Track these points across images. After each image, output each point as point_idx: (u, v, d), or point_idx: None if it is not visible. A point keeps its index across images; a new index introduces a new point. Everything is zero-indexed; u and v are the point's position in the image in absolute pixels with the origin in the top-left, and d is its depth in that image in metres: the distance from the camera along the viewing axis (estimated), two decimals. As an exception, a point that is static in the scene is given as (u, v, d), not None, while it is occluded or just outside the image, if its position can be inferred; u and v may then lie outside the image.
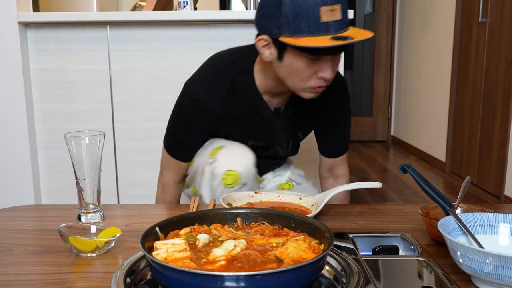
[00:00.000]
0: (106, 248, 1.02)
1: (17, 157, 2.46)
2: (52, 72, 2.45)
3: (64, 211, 1.33)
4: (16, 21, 2.35)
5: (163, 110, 2.45)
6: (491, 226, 0.97)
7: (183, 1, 2.50)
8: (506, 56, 3.50)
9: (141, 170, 2.52)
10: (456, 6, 4.30)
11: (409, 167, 1.11)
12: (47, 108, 2.48)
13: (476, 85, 3.99)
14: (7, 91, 2.41)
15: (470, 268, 0.82)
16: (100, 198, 1.23)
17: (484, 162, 3.85)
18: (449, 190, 4.03)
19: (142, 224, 1.21)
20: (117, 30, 2.41)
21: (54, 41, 2.42)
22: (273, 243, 0.88)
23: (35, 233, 1.16)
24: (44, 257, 1.01)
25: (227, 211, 1.01)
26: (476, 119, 3.99)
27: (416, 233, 1.12)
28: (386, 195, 3.87)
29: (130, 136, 2.49)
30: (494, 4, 3.70)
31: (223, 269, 0.77)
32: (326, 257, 0.82)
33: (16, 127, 2.43)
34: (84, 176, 1.19)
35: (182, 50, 2.42)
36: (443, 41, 4.62)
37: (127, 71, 2.44)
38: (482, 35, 3.89)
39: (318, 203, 1.26)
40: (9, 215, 1.30)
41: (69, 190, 2.53)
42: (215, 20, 2.36)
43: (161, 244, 0.84)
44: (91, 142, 1.18)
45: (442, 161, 4.64)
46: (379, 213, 1.30)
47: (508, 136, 3.43)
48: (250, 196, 1.32)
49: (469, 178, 1.10)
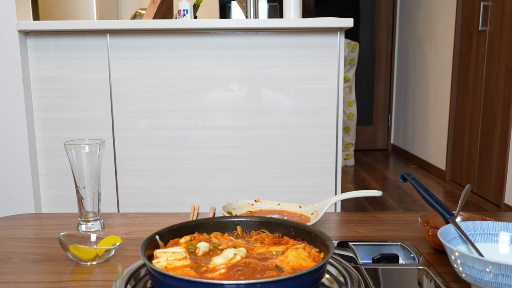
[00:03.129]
0: (106, 256, 1.02)
1: (17, 165, 2.46)
2: (52, 80, 2.45)
3: (64, 219, 1.33)
4: (16, 29, 2.35)
5: (163, 118, 2.46)
6: (491, 234, 0.97)
7: (183, 9, 2.50)
8: (506, 64, 3.51)
9: (141, 178, 2.52)
10: (456, 14, 4.32)
11: (409, 176, 1.11)
12: (47, 116, 2.48)
13: (476, 93, 3.99)
14: (7, 99, 2.41)
15: (470, 276, 0.82)
16: (100, 206, 1.23)
17: (484, 170, 3.85)
18: (449, 198, 4.03)
19: (142, 232, 1.21)
20: (117, 39, 2.42)
21: (54, 49, 2.42)
22: (273, 252, 0.88)
23: (35, 241, 1.16)
24: (44, 265, 1.01)
25: (227, 219, 1.01)
26: (476, 127, 3.99)
27: (416, 242, 1.12)
28: (386, 203, 3.87)
29: (130, 144, 2.49)
30: (494, 12, 3.71)
31: (223, 277, 0.77)
32: (326, 265, 0.82)
33: (16, 136, 2.43)
34: (84, 185, 1.19)
35: (182, 58, 2.42)
36: (443, 49, 4.63)
37: (127, 79, 2.44)
38: (482, 43, 3.90)
39: (318, 212, 1.26)
40: (9, 223, 1.30)
41: (69, 199, 2.53)
42: (215, 28, 2.37)
43: (161, 252, 0.84)
44: (91, 150, 1.18)
45: (442, 169, 4.64)
46: (379, 221, 1.30)
47: (508, 144, 3.44)
48: (250, 205, 1.32)
49: (469, 186, 1.10)
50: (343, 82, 2.43)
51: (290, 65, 2.41)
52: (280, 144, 2.47)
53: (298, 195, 2.49)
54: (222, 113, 2.46)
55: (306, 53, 2.40)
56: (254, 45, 2.41)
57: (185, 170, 2.49)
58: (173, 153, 2.48)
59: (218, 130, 2.47)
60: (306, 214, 1.29)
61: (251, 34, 2.41)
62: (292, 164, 2.49)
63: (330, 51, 2.40)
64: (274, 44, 2.41)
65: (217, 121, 2.46)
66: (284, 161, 2.49)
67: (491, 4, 3.75)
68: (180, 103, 2.45)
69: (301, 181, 2.50)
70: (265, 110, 2.44)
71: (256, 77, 2.42)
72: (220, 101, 2.45)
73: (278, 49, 2.41)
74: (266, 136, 2.46)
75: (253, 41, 2.41)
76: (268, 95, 2.44)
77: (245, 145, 2.47)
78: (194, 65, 2.43)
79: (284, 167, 2.49)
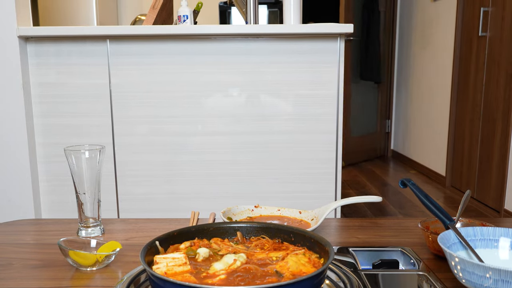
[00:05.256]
0: (106, 262, 1.02)
1: (17, 171, 2.46)
2: (52, 86, 2.45)
3: (64, 225, 1.33)
4: (16, 35, 2.35)
5: (163, 124, 2.46)
6: (491, 240, 0.97)
7: (183, 15, 2.51)
8: (506, 70, 3.51)
9: (141, 184, 2.51)
10: (456, 20, 4.32)
11: (409, 181, 1.11)
12: (47, 122, 2.48)
13: (476, 99, 4.00)
14: (7, 105, 2.41)
15: (470, 282, 0.82)
16: (100, 212, 1.23)
17: (484, 176, 3.85)
18: (449, 204, 4.03)
19: (142, 238, 1.21)
20: (117, 44, 2.42)
21: (54, 55, 2.43)
22: (273, 257, 0.88)
23: (35, 247, 1.16)
24: (44, 271, 1.01)
25: (227, 225, 1.01)
26: (476, 133, 3.99)
27: (416, 247, 1.12)
28: (386, 209, 3.86)
29: (130, 150, 2.49)
30: (494, 18, 3.72)
31: (223, 283, 0.77)
32: (326, 271, 0.82)
33: (16, 141, 2.43)
34: (84, 190, 1.19)
35: (182, 64, 2.43)
36: (443, 55, 4.63)
37: (127, 85, 2.44)
38: (482, 49, 3.91)
39: (318, 217, 1.26)
40: (9, 229, 1.30)
41: (69, 204, 2.53)
42: (215, 34, 2.37)
43: (161, 258, 0.84)
44: (91, 156, 1.18)
45: (442, 175, 4.64)
46: (379, 227, 1.30)
47: (508, 150, 3.44)
48: (250, 210, 1.32)
49: (469, 192, 1.10)
50: (343, 88, 2.44)
51: (290, 70, 2.42)
52: (280, 149, 2.47)
53: (298, 201, 2.49)
54: (222, 118, 2.46)
55: (306, 59, 2.41)
56: (254, 51, 2.41)
57: (185, 176, 2.49)
58: (173, 159, 2.48)
59: (218, 135, 2.47)
60: (306, 219, 1.29)
61: (251, 40, 2.41)
62: (292, 170, 2.49)
63: (330, 56, 2.40)
64: (274, 50, 2.41)
65: (217, 127, 2.46)
66: (284, 166, 2.49)
67: (491, 10, 3.76)
68: (180, 109, 2.45)
69: (301, 186, 2.50)
70: (265, 116, 2.44)
71: (256, 82, 2.43)
72: (220, 106, 2.45)
73: (278, 54, 2.41)
74: (266, 142, 2.46)
75: (253, 46, 2.41)
76: (268, 101, 2.44)
77: (245, 150, 2.47)
78: (194, 70, 2.43)
79: (284, 172, 2.49)
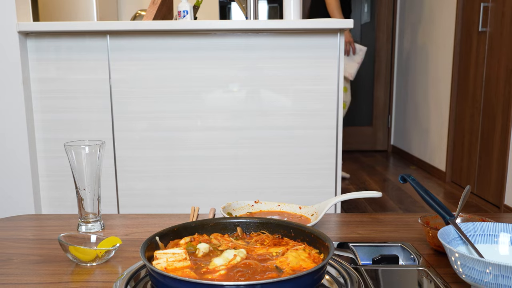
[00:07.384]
0: (106, 257, 1.02)
1: (17, 166, 2.46)
2: (52, 82, 2.45)
3: (64, 220, 1.33)
4: (16, 30, 2.35)
5: (164, 120, 2.46)
6: (491, 235, 0.97)
7: (183, 10, 2.50)
8: (506, 65, 3.51)
9: (141, 179, 2.51)
10: (456, 15, 4.32)
11: (409, 177, 1.11)
12: (47, 117, 2.48)
13: (476, 94, 3.99)
14: (7, 100, 2.41)
15: (470, 277, 0.82)
16: (100, 207, 1.23)
17: (484, 171, 3.85)
18: (449, 199, 4.03)
19: (142, 233, 1.21)
20: (117, 40, 2.42)
21: (54, 50, 2.42)
22: (273, 253, 0.88)
23: (35, 242, 1.16)
24: (44, 266, 1.01)
25: (227, 220, 1.01)
26: (476, 128, 3.99)
27: (416, 243, 1.12)
28: (386, 204, 3.86)
29: (130, 145, 2.49)
30: (494, 13, 3.71)
31: (223, 278, 0.77)
32: (326, 266, 0.82)
33: (16, 137, 2.43)
34: (84, 186, 1.19)
35: (182, 59, 2.42)
36: (443, 50, 4.63)
37: (127, 80, 2.44)
38: (482, 44, 3.90)
39: (318, 213, 1.26)
40: (9, 224, 1.30)
41: (69, 200, 2.53)
42: (215, 29, 2.37)
43: (161, 253, 0.84)
44: (91, 151, 1.18)
45: (442, 170, 4.64)
46: (379, 222, 1.30)
47: (508, 146, 3.44)
48: (250, 206, 1.32)
49: (469, 187, 1.10)
50: (343, 83, 2.43)
51: (290, 66, 2.41)
52: (280, 145, 2.47)
53: (298, 196, 2.49)
54: (222, 114, 2.46)
55: (306, 54, 2.40)
56: (254, 46, 2.41)
57: (185, 171, 2.49)
58: (173, 154, 2.48)
59: (218, 131, 2.47)
60: (306, 215, 1.29)
61: (251, 35, 2.41)
62: (292, 165, 2.49)
63: (330, 52, 2.40)
64: (274, 45, 2.41)
65: (217, 122, 2.46)
66: (284, 162, 2.49)
67: (491, 5, 3.75)
68: (180, 104, 2.45)
69: (301, 182, 2.50)
70: (265, 111, 2.44)
71: (256, 78, 2.42)
72: (220, 102, 2.45)
73: (278, 50, 2.41)
74: (266, 137, 2.46)
75: (253, 42, 2.41)
76: (267, 96, 2.44)
77: (245, 146, 2.47)
78: (194, 66, 2.43)
79: (284, 168, 2.49)
